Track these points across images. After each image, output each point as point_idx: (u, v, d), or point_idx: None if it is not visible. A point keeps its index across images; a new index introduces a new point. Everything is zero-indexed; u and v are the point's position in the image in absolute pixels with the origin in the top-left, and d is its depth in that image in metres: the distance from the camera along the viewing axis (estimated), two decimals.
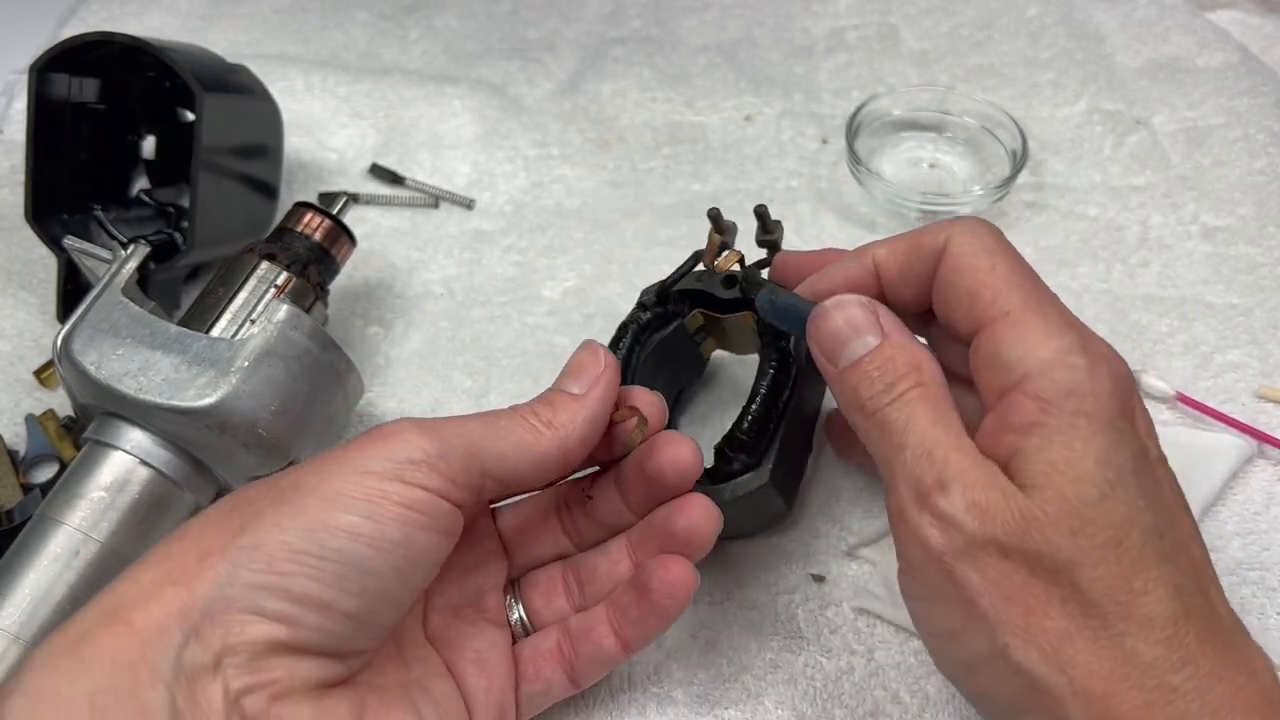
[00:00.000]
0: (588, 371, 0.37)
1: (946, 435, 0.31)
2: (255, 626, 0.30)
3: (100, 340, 0.43)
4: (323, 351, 0.45)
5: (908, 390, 0.33)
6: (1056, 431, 0.30)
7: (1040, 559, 0.29)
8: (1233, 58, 0.70)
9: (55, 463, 0.50)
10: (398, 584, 0.33)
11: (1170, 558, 0.29)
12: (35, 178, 0.54)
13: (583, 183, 0.66)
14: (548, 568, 0.40)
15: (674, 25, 0.77)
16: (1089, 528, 0.29)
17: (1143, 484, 0.30)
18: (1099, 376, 0.30)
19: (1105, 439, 0.30)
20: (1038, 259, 0.59)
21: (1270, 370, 0.53)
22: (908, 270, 0.36)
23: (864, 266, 0.37)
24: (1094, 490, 0.29)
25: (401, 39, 0.77)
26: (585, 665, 0.38)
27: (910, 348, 0.34)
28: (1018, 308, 0.32)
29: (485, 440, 0.34)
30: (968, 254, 0.34)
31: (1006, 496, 0.30)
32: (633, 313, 0.46)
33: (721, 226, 0.42)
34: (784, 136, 0.68)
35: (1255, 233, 0.60)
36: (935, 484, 0.31)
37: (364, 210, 0.64)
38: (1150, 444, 0.32)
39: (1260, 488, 0.48)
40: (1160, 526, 0.30)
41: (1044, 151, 0.66)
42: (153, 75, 0.58)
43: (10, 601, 0.39)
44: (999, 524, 0.29)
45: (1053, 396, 0.30)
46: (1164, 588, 0.29)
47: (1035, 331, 0.31)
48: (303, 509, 0.31)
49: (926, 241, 0.35)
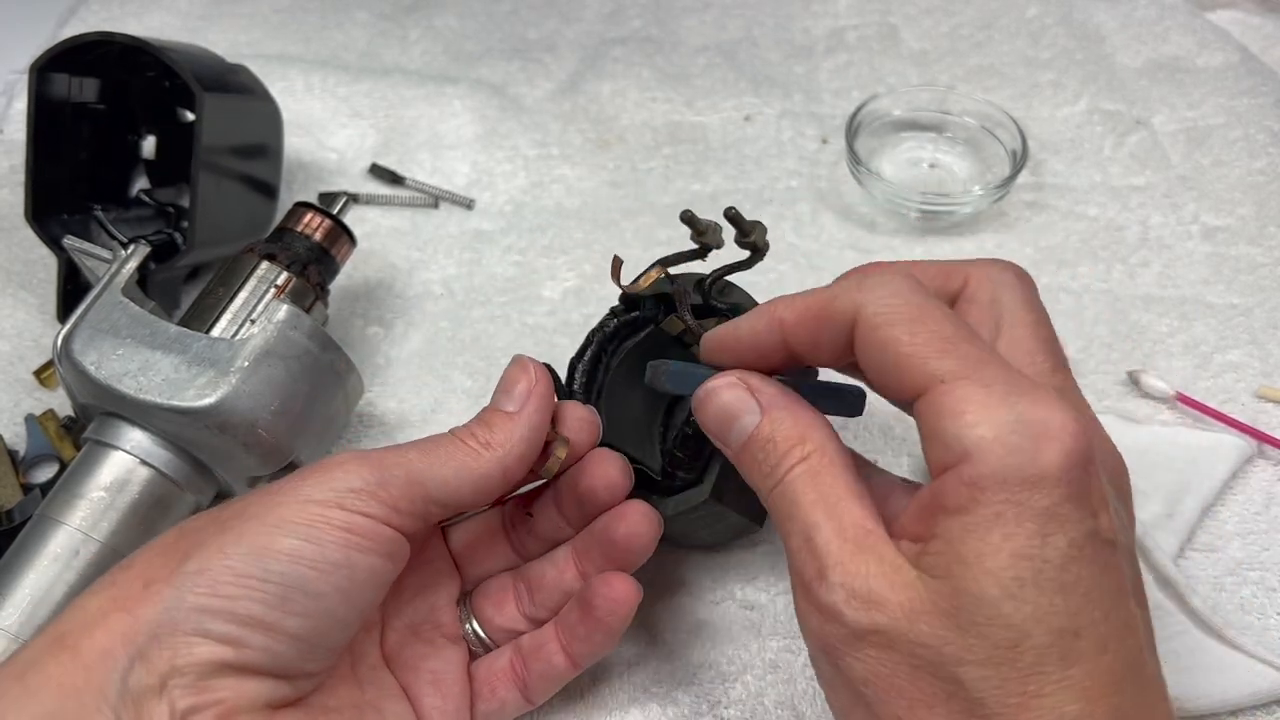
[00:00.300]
0: (519, 387, 0.37)
1: (828, 519, 0.30)
2: (201, 648, 0.31)
3: (100, 340, 0.43)
4: (323, 351, 0.45)
5: (790, 470, 0.31)
6: (979, 521, 0.27)
7: (925, 652, 0.28)
8: (1233, 58, 0.70)
9: (55, 463, 0.50)
10: (342, 605, 0.33)
11: (1085, 658, 0.27)
12: (35, 178, 0.54)
13: (583, 183, 0.66)
14: (498, 577, 0.41)
15: (674, 25, 0.77)
16: (982, 627, 0.27)
17: (1072, 577, 0.27)
18: (1044, 456, 0.27)
19: (1033, 530, 0.27)
20: (1038, 259, 0.59)
21: (1270, 370, 0.53)
22: (817, 337, 0.32)
23: (769, 329, 0.34)
24: (996, 589, 0.27)
25: (401, 39, 0.77)
26: (537, 683, 0.39)
27: (791, 420, 0.32)
28: (951, 375, 0.29)
29: (426, 467, 0.35)
30: (882, 325, 0.30)
31: (894, 586, 0.28)
32: (601, 321, 0.45)
33: (700, 228, 0.41)
34: (784, 136, 0.68)
35: (1255, 233, 0.60)
36: (815, 574, 0.29)
37: (364, 210, 0.64)
38: (1104, 519, 0.28)
39: (1260, 488, 0.48)
40: (1081, 624, 0.27)
41: (1044, 151, 0.66)
42: (153, 75, 0.58)
43: (10, 601, 0.39)
44: (885, 613, 0.28)
45: (987, 483, 0.27)
46: (1067, 692, 0.27)
47: (974, 404, 0.28)
48: (245, 534, 0.32)
49: (836, 311, 0.32)
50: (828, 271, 0.59)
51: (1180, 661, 0.41)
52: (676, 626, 0.44)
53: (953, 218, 0.61)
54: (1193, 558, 0.46)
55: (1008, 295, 0.34)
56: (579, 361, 0.44)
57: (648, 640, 0.44)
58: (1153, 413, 0.51)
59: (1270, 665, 0.40)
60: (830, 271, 0.59)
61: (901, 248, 0.61)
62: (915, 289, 0.31)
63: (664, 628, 0.44)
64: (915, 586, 0.28)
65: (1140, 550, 0.44)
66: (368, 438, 0.52)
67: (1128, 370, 0.53)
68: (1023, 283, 0.35)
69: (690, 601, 0.45)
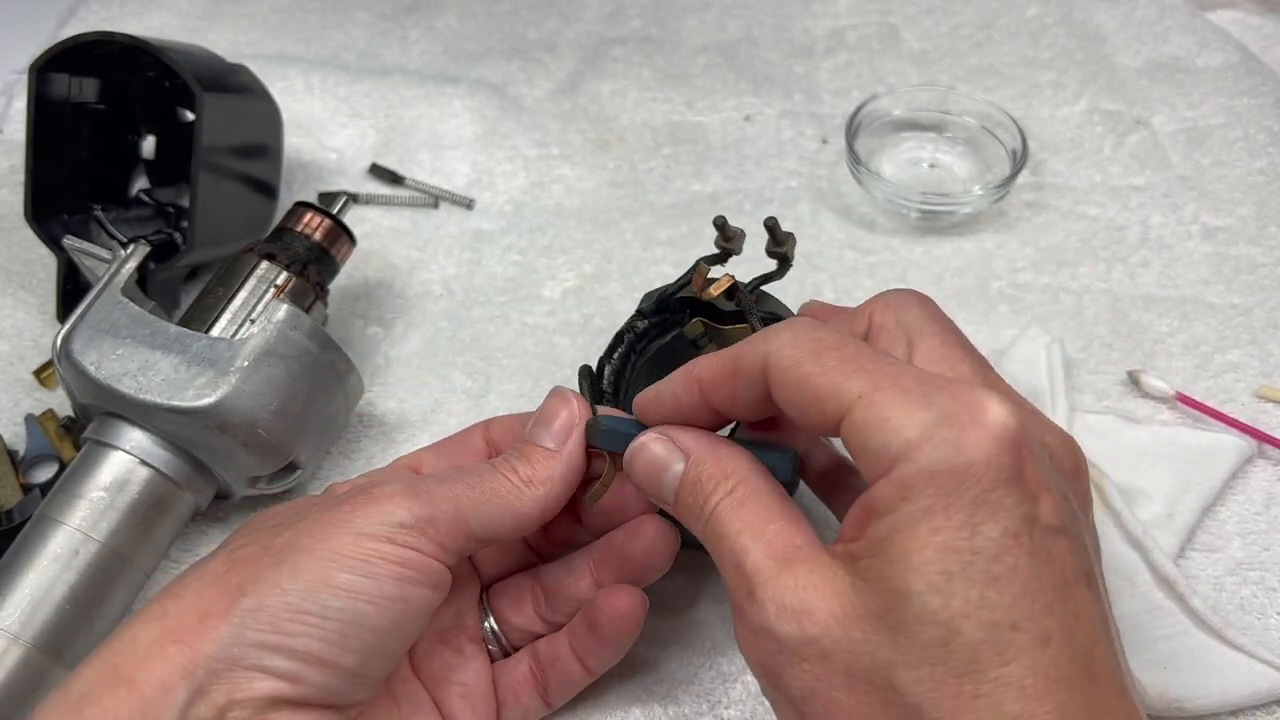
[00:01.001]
0: (559, 423, 0.37)
1: (754, 541, 0.30)
2: (260, 683, 0.31)
3: (100, 340, 0.43)
4: (322, 351, 0.45)
5: (716, 505, 0.32)
6: (906, 519, 0.27)
7: (859, 658, 0.27)
8: (1233, 58, 0.70)
9: (55, 463, 0.50)
10: (396, 638, 0.34)
11: (1024, 652, 0.26)
12: (35, 177, 0.54)
13: (583, 183, 0.66)
14: (515, 578, 0.41)
15: (674, 25, 0.77)
16: (910, 626, 0.26)
17: (1006, 568, 0.26)
18: (971, 444, 0.27)
19: (961, 521, 0.26)
20: (1038, 259, 0.59)
21: (1270, 370, 0.53)
22: (736, 394, 0.33)
23: (688, 390, 0.34)
24: (922, 584, 0.26)
25: (401, 39, 0.77)
26: (555, 689, 0.39)
27: (714, 460, 0.33)
28: (870, 389, 0.29)
29: (471, 505, 0.35)
30: (789, 365, 0.30)
31: (825, 595, 0.28)
32: (629, 321, 0.46)
33: (728, 234, 0.42)
34: (784, 136, 0.68)
35: (1255, 233, 0.60)
36: (745, 594, 0.30)
37: (364, 210, 0.64)
38: (1045, 504, 0.27)
39: (1260, 488, 0.48)
40: (1017, 617, 0.26)
41: (1044, 151, 0.66)
42: (153, 75, 0.58)
43: (10, 601, 0.39)
44: (815, 623, 0.28)
45: (913, 480, 0.27)
46: (1005, 690, 0.26)
47: (895, 409, 0.28)
48: (301, 569, 0.32)
49: (745, 365, 0.32)
50: (827, 272, 0.59)
51: (1180, 661, 0.41)
52: (677, 626, 0.44)
53: (953, 218, 0.61)
54: (1193, 558, 0.46)
55: (911, 314, 0.34)
56: (608, 361, 0.45)
57: (648, 640, 0.44)
58: (1153, 413, 0.51)
59: (1270, 665, 0.40)
60: (830, 272, 0.59)
61: (901, 248, 0.61)
62: (814, 326, 0.32)
63: (665, 627, 0.44)
64: (847, 594, 0.28)
65: (1140, 550, 0.44)
66: (368, 438, 0.52)
67: (1128, 370, 0.53)
68: (922, 301, 0.35)
69: (691, 601, 0.45)
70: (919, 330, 0.33)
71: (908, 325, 0.34)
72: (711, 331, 0.48)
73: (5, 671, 0.38)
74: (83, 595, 0.40)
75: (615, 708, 0.42)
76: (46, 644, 0.39)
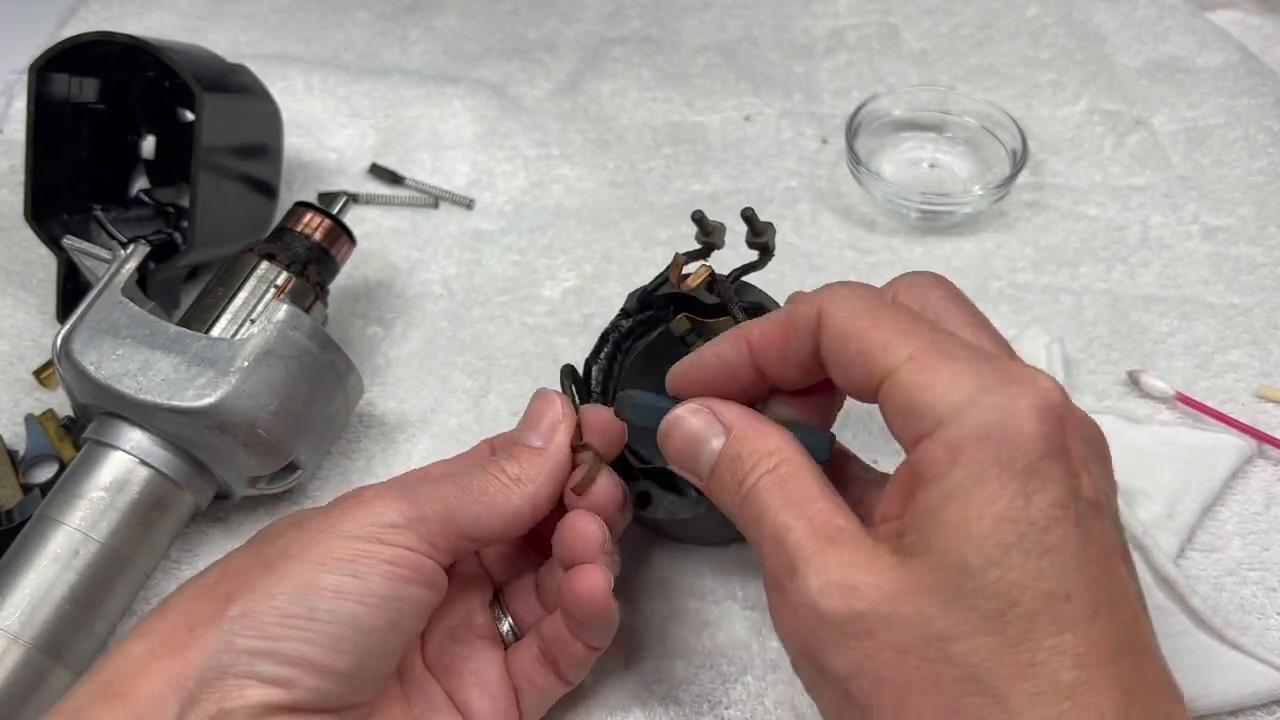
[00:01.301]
0: (545, 422, 0.38)
1: (797, 518, 0.30)
2: (252, 690, 0.31)
3: (100, 340, 0.43)
4: (322, 351, 0.45)
5: (756, 481, 0.31)
6: (959, 486, 0.27)
7: (909, 633, 0.27)
8: (1233, 58, 0.70)
9: (55, 463, 0.50)
10: (390, 637, 0.34)
11: (1077, 623, 0.26)
12: (35, 177, 0.54)
13: (583, 183, 0.66)
14: (526, 576, 0.42)
15: (674, 25, 0.77)
16: (969, 598, 0.26)
17: (1057, 539, 0.27)
18: (1020, 413, 0.27)
19: (1015, 490, 0.27)
20: (1038, 259, 0.59)
21: (1270, 370, 0.53)
22: (786, 351, 0.33)
23: (738, 352, 0.34)
24: (980, 557, 0.26)
25: (401, 39, 0.77)
26: (566, 666, 0.39)
27: (757, 436, 0.32)
28: (919, 352, 0.29)
29: (459, 504, 0.35)
30: (844, 318, 0.31)
31: (873, 570, 0.28)
32: (614, 320, 0.46)
33: (708, 228, 0.42)
34: (784, 136, 0.68)
35: (1255, 233, 0.60)
36: (786, 571, 0.29)
37: (364, 210, 0.64)
38: (1085, 480, 0.28)
39: (1260, 488, 0.48)
40: (1069, 588, 0.26)
41: (1044, 151, 0.66)
42: (153, 75, 0.58)
43: (10, 601, 0.39)
44: (863, 599, 0.27)
45: (965, 443, 0.27)
46: (1061, 658, 0.26)
47: (944, 374, 0.28)
48: (288, 574, 0.32)
49: (799, 319, 0.32)
50: (827, 272, 0.59)
51: (1180, 661, 0.40)
52: (677, 626, 0.44)
53: (953, 218, 0.61)
54: (1193, 558, 0.46)
55: (934, 295, 0.34)
56: (595, 361, 0.45)
57: (649, 640, 0.44)
58: (1153, 413, 0.51)
59: (1270, 665, 0.40)
60: (830, 272, 0.59)
61: (901, 248, 0.61)
62: (870, 290, 0.32)
63: (665, 627, 0.44)
64: (894, 570, 0.28)
65: (1140, 550, 0.44)
66: (367, 438, 0.52)
67: (1128, 370, 0.53)
68: (943, 283, 0.35)
69: (691, 601, 0.45)
70: (945, 311, 0.33)
71: (933, 306, 0.34)
72: (698, 326, 0.48)
73: (5, 671, 0.38)
74: (83, 595, 0.40)
75: (615, 707, 0.42)
76: (46, 644, 0.39)
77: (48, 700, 0.40)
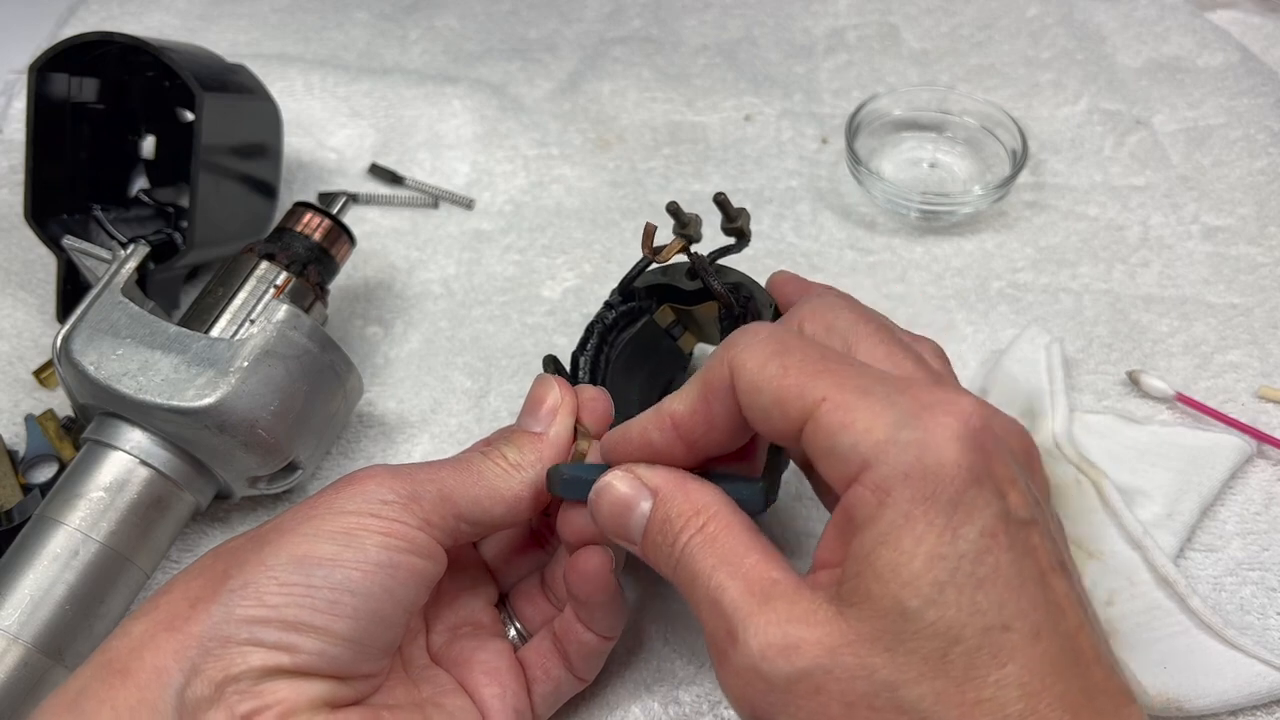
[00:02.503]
0: (544, 407, 0.38)
1: (731, 577, 0.29)
2: (254, 655, 0.31)
3: (100, 340, 0.43)
4: (322, 351, 0.45)
5: (687, 541, 0.31)
6: (890, 527, 0.27)
7: (855, 684, 0.26)
8: (1233, 58, 0.70)
9: (55, 463, 0.50)
10: (388, 604, 0.34)
11: (1019, 650, 0.26)
12: (35, 177, 0.54)
13: (583, 183, 0.66)
14: (532, 576, 0.42)
15: (674, 25, 0.77)
16: (909, 642, 0.26)
17: (989, 569, 0.26)
18: (939, 445, 0.27)
19: (943, 525, 0.26)
20: (1038, 259, 0.59)
21: (1270, 370, 0.53)
22: (710, 417, 0.32)
23: (662, 430, 0.33)
24: (917, 599, 0.26)
25: (401, 39, 0.77)
26: (578, 660, 0.39)
27: (684, 496, 0.32)
28: (832, 392, 0.29)
29: (457, 486, 0.35)
30: (753, 368, 0.30)
31: (812, 624, 0.27)
32: (599, 313, 0.46)
33: (683, 220, 0.42)
34: (784, 136, 0.68)
35: (1255, 233, 0.60)
36: (726, 635, 0.29)
37: (364, 210, 0.64)
38: (1013, 497, 0.27)
39: (1260, 488, 0.48)
40: (1008, 617, 0.26)
41: (1044, 151, 0.66)
42: (152, 75, 0.58)
43: (10, 601, 0.39)
44: (805, 656, 0.27)
45: (891, 483, 0.27)
46: (1007, 691, 0.26)
47: (860, 412, 0.28)
48: (283, 546, 0.33)
49: (714, 380, 0.32)
50: (827, 272, 0.59)
51: (1180, 661, 0.41)
52: (677, 625, 0.44)
53: (953, 218, 0.61)
54: (1193, 558, 0.46)
55: (842, 319, 0.34)
56: (581, 353, 0.45)
57: (649, 639, 0.44)
58: (1153, 413, 0.51)
59: (1270, 665, 0.40)
60: (830, 272, 0.59)
61: (901, 248, 0.61)
62: (775, 329, 0.32)
63: (665, 627, 0.44)
64: (833, 621, 0.27)
65: (1140, 550, 0.44)
66: (367, 438, 0.52)
67: (1128, 370, 0.53)
68: (850, 303, 0.35)
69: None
70: (854, 334, 0.33)
71: (841, 330, 0.33)
72: (683, 317, 0.47)
73: (5, 671, 0.38)
74: (83, 595, 0.40)
75: (615, 707, 0.42)
76: (46, 644, 0.39)
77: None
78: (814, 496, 0.45)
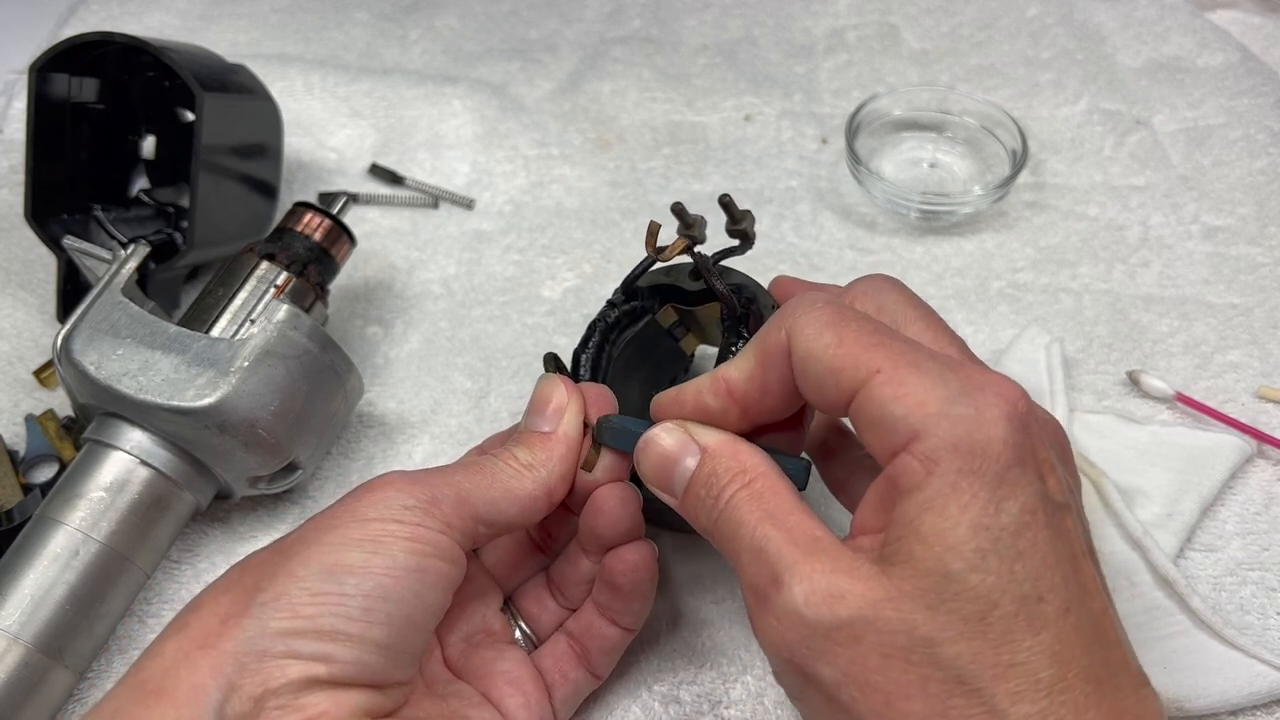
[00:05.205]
0: (551, 406, 0.38)
1: (777, 529, 0.30)
2: (292, 668, 0.31)
3: (100, 340, 0.43)
4: (322, 351, 0.45)
5: (732, 496, 0.32)
6: (935, 496, 0.28)
7: (895, 638, 0.27)
8: (1233, 58, 0.70)
9: (55, 463, 0.50)
10: (419, 609, 0.34)
11: (1051, 622, 0.27)
12: (35, 177, 0.54)
13: (583, 183, 0.66)
14: (532, 581, 0.42)
15: (674, 25, 0.77)
16: (951, 602, 0.27)
17: (1028, 543, 0.28)
18: (988, 422, 0.28)
19: (988, 498, 0.27)
20: (1038, 259, 0.59)
21: (1270, 370, 0.53)
22: (766, 383, 0.33)
23: (717, 395, 0.34)
24: (960, 562, 0.27)
25: (401, 39, 0.77)
26: (598, 657, 0.39)
27: (732, 455, 0.33)
28: (887, 365, 0.30)
29: (474, 489, 0.35)
30: (811, 337, 0.31)
31: (855, 577, 0.28)
32: (601, 311, 0.46)
33: (688, 221, 0.42)
34: (784, 136, 0.68)
35: (1256, 233, 0.60)
36: (770, 581, 0.29)
37: (364, 210, 0.64)
38: (1052, 482, 0.29)
39: (1260, 488, 0.48)
40: (1043, 589, 0.27)
41: (1044, 151, 0.66)
42: (152, 75, 0.58)
43: (10, 601, 0.39)
44: (847, 606, 0.28)
45: (939, 454, 0.28)
46: (1039, 657, 0.27)
47: (913, 385, 0.29)
48: (311, 558, 0.33)
49: (770, 345, 0.33)
50: (827, 272, 0.59)
51: (1180, 661, 0.41)
52: (678, 625, 0.44)
53: (953, 218, 0.61)
54: (1193, 558, 0.46)
55: (890, 299, 0.35)
56: (583, 352, 0.45)
57: (649, 639, 0.44)
58: (1153, 413, 0.51)
59: (1270, 665, 0.40)
60: (830, 271, 0.59)
61: (901, 248, 0.61)
62: (833, 301, 0.32)
63: (665, 626, 0.44)
64: (877, 577, 0.28)
65: (1140, 550, 0.44)
66: (367, 438, 0.52)
67: (1128, 370, 0.53)
68: (898, 286, 0.35)
69: (691, 600, 0.45)
70: (902, 316, 0.34)
71: (890, 311, 0.34)
72: (685, 318, 0.47)
73: (6, 671, 0.38)
74: (83, 595, 0.40)
75: (615, 707, 0.42)
76: (46, 644, 0.39)
77: (48, 700, 0.40)
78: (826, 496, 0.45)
